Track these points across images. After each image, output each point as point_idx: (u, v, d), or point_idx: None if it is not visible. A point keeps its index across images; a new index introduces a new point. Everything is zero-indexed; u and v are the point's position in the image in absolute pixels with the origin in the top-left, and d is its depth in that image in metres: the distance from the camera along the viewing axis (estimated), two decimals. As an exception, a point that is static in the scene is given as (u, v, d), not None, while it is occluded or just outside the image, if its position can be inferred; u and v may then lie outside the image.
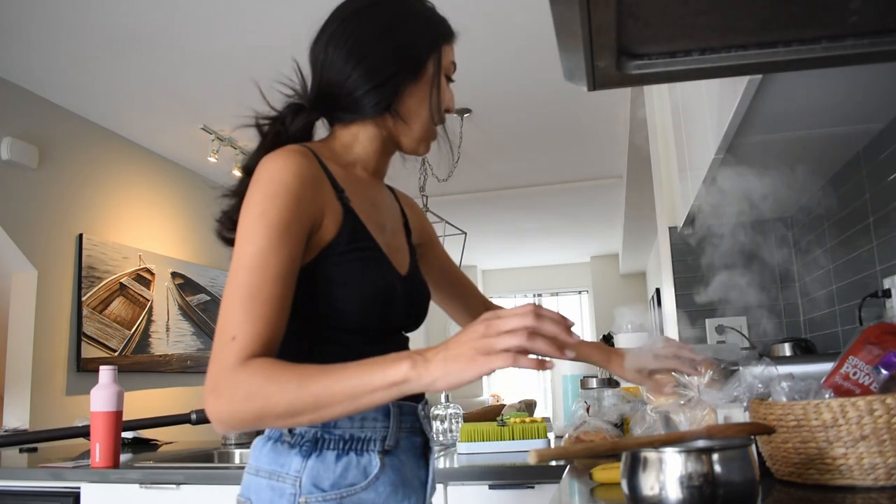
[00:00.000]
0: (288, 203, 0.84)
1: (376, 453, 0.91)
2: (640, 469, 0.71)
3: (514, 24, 3.08)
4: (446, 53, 1.01)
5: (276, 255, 0.81)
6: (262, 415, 0.76)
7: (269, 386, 0.75)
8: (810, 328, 2.25)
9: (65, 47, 3.25)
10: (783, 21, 0.87)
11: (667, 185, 2.57)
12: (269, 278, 0.80)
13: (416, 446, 0.97)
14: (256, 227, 0.82)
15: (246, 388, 0.76)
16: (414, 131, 0.99)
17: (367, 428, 0.91)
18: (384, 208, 1.04)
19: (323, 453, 0.89)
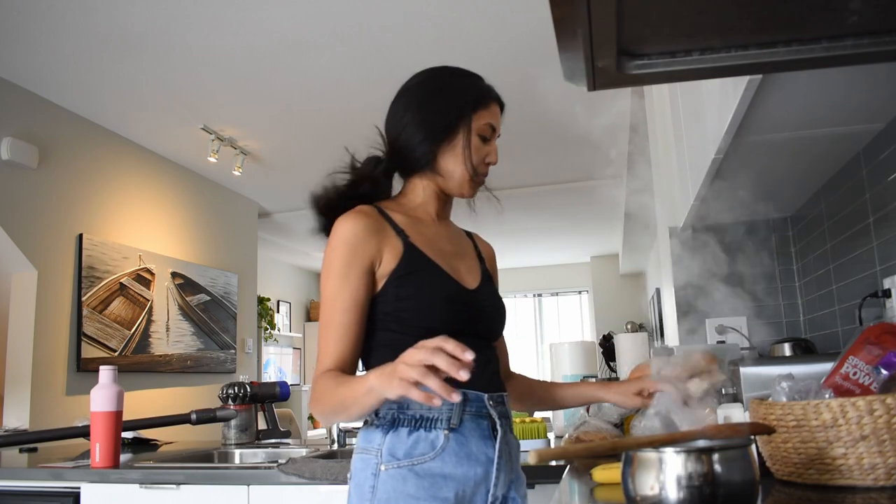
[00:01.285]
0: (345, 253, 1.13)
1: (442, 430, 1.10)
2: (640, 469, 0.71)
3: (513, 23, 3.09)
4: (480, 118, 1.22)
5: (341, 294, 1.12)
6: (323, 411, 1.08)
7: (323, 392, 1.07)
8: (810, 328, 2.25)
9: (65, 47, 3.25)
10: (783, 21, 0.87)
11: (667, 185, 2.57)
12: (337, 311, 1.12)
13: (482, 428, 1.14)
14: (327, 276, 1.14)
15: (316, 393, 1.08)
16: (454, 183, 1.24)
17: (434, 410, 1.10)
18: (447, 240, 1.27)
19: (398, 430, 1.10)
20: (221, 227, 5.42)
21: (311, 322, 8.60)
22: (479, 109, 1.23)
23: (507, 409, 1.20)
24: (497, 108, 1.27)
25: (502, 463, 1.14)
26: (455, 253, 1.26)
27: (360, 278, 1.13)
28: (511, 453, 1.19)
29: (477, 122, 1.22)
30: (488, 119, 1.24)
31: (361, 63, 3.46)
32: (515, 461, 1.20)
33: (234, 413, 2.32)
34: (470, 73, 1.28)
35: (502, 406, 1.19)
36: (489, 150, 1.25)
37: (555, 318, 9.95)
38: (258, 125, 4.31)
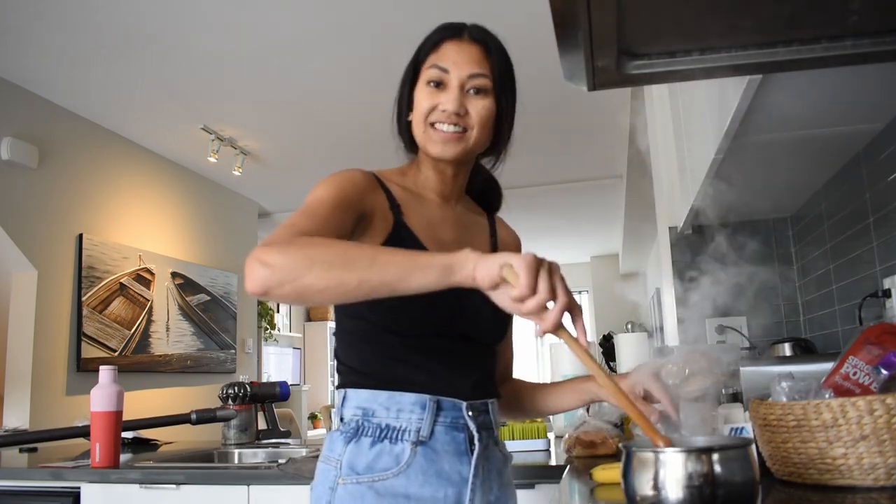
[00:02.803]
0: (348, 180, 0.99)
1: (409, 443, 0.97)
2: (640, 469, 0.71)
3: (513, 23, 3.09)
4: (427, 65, 1.06)
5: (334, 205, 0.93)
6: (313, 256, 0.80)
7: (328, 240, 0.86)
8: (810, 328, 2.25)
9: (65, 47, 3.25)
10: (783, 21, 0.87)
11: (667, 185, 2.57)
12: (326, 211, 0.92)
13: (457, 441, 1.00)
14: (319, 187, 0.97)
15: (308, 239, 0.84)
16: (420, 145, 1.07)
17: (402, 419, 0.98)
18: (452, 225, 1.12)
19: (360, 440, 0.98)
20: (221, 227, 5.42)
21: (310, 322, 8.60)
22: (426, 58, 1.06)
23: (491, 420, 1.05)
24: (458, 43, 1.07)
25: (478, 483, 1.00)
26: (458, 241, 1.10)
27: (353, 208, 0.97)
28: (492, 471, 1.04)
29: (424, 71, 1.06)
30: (434, 61, 1.05)
31: (361, 63, 3.46)
32: (497, 479, 1.05)
33: (234, 413, 2.32)
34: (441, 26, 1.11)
35: (486, 416, 1.04)
36: (442, 96, 1.03)
37: (555, 318, 9.93)
38: (258, 125, 4.31)
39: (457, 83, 1.03)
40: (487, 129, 1.06)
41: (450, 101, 1.02)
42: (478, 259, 0.79)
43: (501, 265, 0.77)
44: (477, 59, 1.06)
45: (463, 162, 1.10)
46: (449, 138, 1.03)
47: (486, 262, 0.78)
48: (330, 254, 0.81)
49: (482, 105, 1.04)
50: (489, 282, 0.78)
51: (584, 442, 1.52)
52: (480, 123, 1.04)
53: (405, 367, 1.00)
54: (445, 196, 1.12)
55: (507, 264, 0.77)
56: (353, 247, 0.84)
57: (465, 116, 1.03)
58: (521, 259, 0.77)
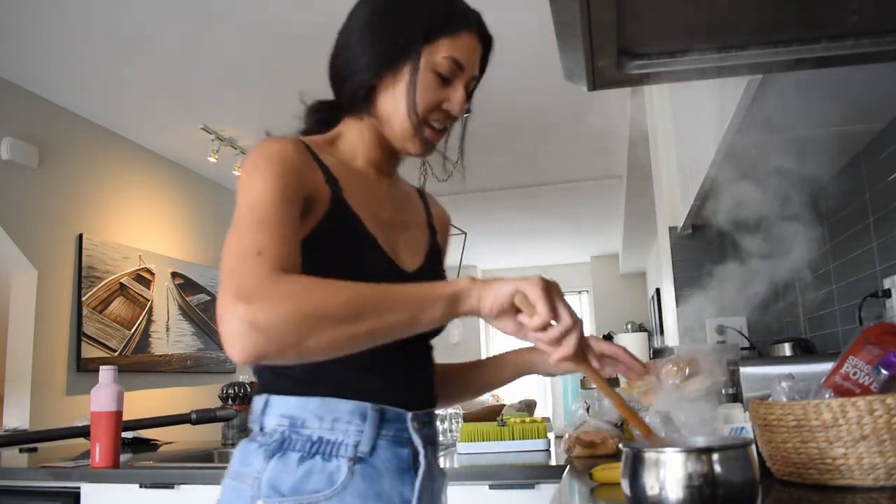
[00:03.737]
0: (284, 161, 0.83)
1: (346, 459, 0.83)
2: (640, 469, 0.71)
3: (514, 23, 3.08)
4: (440, 48, 0.90)
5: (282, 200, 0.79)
6: (317, 314, 0.68)
7: (327, 284, 0.71)
8: (810, 328, 2.25)
9: (65, 47, 3.25)
10: (783, 21, 0.87)
11: (667, 185, 2.57)
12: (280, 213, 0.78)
13: (400, 458, 0.87)
14: (256, 178, 0.81)
15: (296, 286, 0.70)
16: (393, 132, 0.93)
17: (338, 430, 0.83)
18: (391, 204, 0.99)
19: (286, 454, 0.82)
20: (221, 227, 5.42)
21: (311, 322, 8.59)
22: (440, 37, 0.90)
23: (434, 431, 0.94)
24: (472, 39, 0.95)
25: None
26: (396, 221, 0.97)
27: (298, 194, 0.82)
28: (434, 490, 0.92)
29: (434, 53, 0.90)
30: (452, 52, 0.91)
31: (361, 63, 3.45)
32: (438, 499, 0.95)
33: (234, 413, 2.32)
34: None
35: (429, 427, 0.92)
36: (449, 94, 0.92)
37: (555, 318, 9.93)
38: (258, 125, 4.30)
39: (464, 84, 0.94)
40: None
41: (457, 104, 0.93)
42: (482, 288, 0.76)
43: (512, 293, 0.75)
44: (478, 60, 0.98)
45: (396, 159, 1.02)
46: (433, 138, 0.95)
47: (492, 292, 0.76)
48: (332, 306, 0.69)
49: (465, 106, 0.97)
50: (498, 311, 0.76)
51: (584, 442, 1.52)
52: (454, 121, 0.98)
53: (344, 368, 0.83)
54: (381, 169, 0.99)
55: (518, 292, 0.75)
56: (354, 292, 0.72)
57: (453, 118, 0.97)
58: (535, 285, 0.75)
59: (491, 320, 0.78)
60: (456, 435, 2.08)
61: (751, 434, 1.01)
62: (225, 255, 0.73)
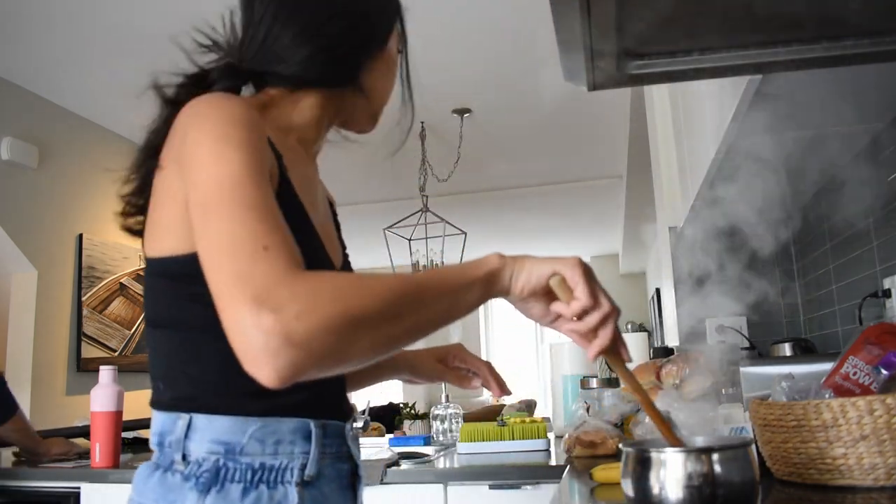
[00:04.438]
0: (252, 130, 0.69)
1: (293, 485, 0.73)
2: (640, 469, 0.71)
3: (514, 23, 3.08)
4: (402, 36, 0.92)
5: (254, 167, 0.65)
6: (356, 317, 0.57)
7: (359, 280, 0.60)
8: (810, 328, 2.25)
9: (65, 47, 3.25)
10: (783, 21, 0.87)
11: (667, 185, 2.57)
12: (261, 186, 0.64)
13: (342, 476, 0.80)
14: (221, 148, 0.65)
15: (327, 285, 0.58)
16: (372, 107, 0.89)
17: (281, 454, 0.73)
18: (318, 189, 0.90)
19: (225, 487, 0.71)
20: (221, 227, 5.41)
21: (311, 322, 8.58)
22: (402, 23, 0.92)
23: (357, 442, 0.86)
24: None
25: None
26: (319, 209, 0.88)
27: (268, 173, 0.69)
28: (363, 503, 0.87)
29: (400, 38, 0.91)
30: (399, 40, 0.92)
31: (361, 63, 3.45)
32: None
33: (234, 413, 2.32)
34: None
35: (354, 438, 0.85)
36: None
37: (555, 319, 9.94)
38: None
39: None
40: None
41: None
42: (515, 266, 0.70)
43: (549, 275, 0.70)
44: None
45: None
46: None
47: (526, 271, 0.70)
48: (372, 304, 0.58)
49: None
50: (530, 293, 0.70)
51: (584, 442, 1.52)
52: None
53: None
54: (311, 149, 0.90)
55: (556, 274, 0.70)
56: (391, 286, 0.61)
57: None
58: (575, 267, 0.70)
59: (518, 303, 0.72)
60: (456, 435, 2.08)
61: (751, 434, 1.01)
62: (218, 253, 0.59)
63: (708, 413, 1.10)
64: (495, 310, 9.74)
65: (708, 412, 1.11)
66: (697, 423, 1.07)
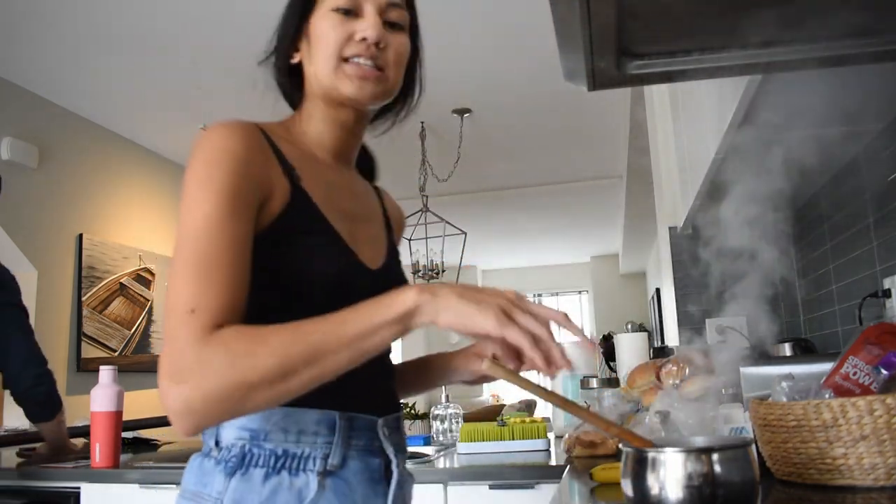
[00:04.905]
0: (235, 167, 0.74)
1: (315, 474, 0.77)
2: (640, 469, 0.71)
3: (514, 23, 3.08)
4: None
5: (230, 220, 0.72)
6: (246, 383, 0.64)
7: (253, 345, 0.66)
8: (810, 328, 2.25)
9: (65, 47, 3.25)
10: (783, 21, 0.87)
11: (667, 185, 2.57)
12: (225, 244, 0.71)
13: (372, 469, 0.82)
14: (201, 194, 0.72)
15: (222, 357, 0.65)
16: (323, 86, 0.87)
17: (304, 443, 0.77)
18: (351, 196, 0.92)
19: (249, 472, 0.76)
20: (221, 227, 5.42)
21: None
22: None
23: (402, 437, 0.89)
24: None
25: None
26: (357, 214, 0.91)
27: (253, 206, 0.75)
28: (406, 500, 0.88)
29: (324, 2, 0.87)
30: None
31: (361, 63, 3.46)
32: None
33: (234, 413, 2.32)
34: None
35: (398, 434, 0.87)
36: (358, 24, 0.85)
37: (555, 319, 9.95)
38: (258, 125, 4.31)
39: (374, 9, 0.85)
40: (401, 73, 0.89)
41: (370, 28, 0.84)
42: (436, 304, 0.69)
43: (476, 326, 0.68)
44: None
45: (366, 112, 0.92)
46: (367, 75, 0.84)
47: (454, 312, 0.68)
48: (263, 366, 0.64)
49: (400, 41, 0.88)
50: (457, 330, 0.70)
51: (584, 442, 1.52)
52: (397, 63, 0.87)
53: None
54: (339, 156, 0.92)
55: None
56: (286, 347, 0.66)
57: (383, 52, 0.85)
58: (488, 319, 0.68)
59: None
60: (456, 435, 2.08)
61: (751, 434, 1.01)
62: (165, 307, 0.70)
63: (708, 413, 1.10)
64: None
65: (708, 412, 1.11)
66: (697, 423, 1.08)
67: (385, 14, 0.86)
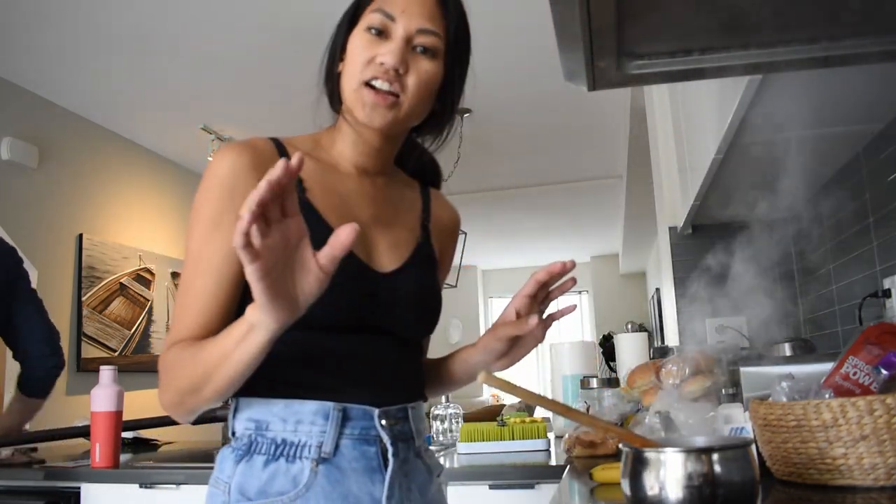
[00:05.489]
0: (220, 195, 0.84)
1: (309, 461, 0.83)
2: (640, 469, 0.71)
3: (514, 23, 3.08)
4: (370, 10, 0.89)
5: (209, 248, 0.83)
6: (177, 392, 0.81)
7: (176, 365, 0.80)
8: (810, 328, 2.25)
9: (65, 47, 3.25)
10: (783, 21, 0.87)
11: (667, 185, 2.57)
12: (200, 272, 0.83)
13: (368, 457, 0.86)
14: (193, 225, 0.85)
15: (165, 371, 0.82)
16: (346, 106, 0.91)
17: (301, 432, 0.84)
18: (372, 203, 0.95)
19: (252, 458, 0.84)
20: (221, 227, 5.41)
21: (311, 322, 8.57)
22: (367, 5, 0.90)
23: (411, 428, 0.91)
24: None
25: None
26: (376, 220, 0.94)
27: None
28: (413, 489, 0.90)
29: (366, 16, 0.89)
30: (380, 5, 0.88)
31: (361, 63, 3.46)
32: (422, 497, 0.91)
33: (234, 413, 2.32)
34: None
35: (404, 423, 0.90)
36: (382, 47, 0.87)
37: (555, 318, 9.95)
38: (258, 125, 4.31)
39: (402, 34, 0.87)
40: (425, 99, 0.90)
41: (390, 54, 0.85)
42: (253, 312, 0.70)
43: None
44: (430, 14, 0.89)
45: (391, 134, 0.93)
46: (379, 102, 0.86)
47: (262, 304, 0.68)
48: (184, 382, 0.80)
49: (426, 68, 0.88)
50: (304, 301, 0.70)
51: (584, 442, 1.52)
52: (418, 90, 0.88)
53: (306, 368, 0.86)
54: (367, 169, 0.95)
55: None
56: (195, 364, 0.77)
57: (403, 77, 0.87)
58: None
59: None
60: (456, 435, 2.08)
61: (751, 434, 1.01)
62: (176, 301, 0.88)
63: (708, 413, 1.11)
64: (495, 310, 9.74)
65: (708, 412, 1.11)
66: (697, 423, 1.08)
67: (414, 39, 0.88)
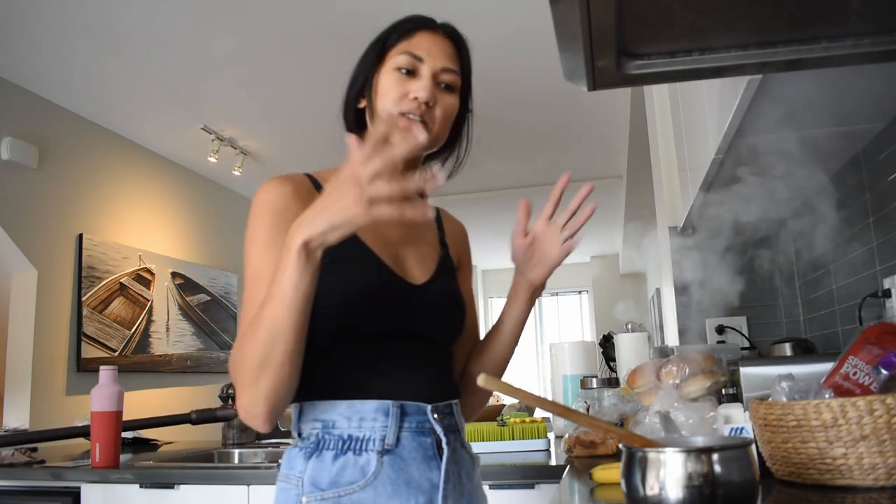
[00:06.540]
0: (272, 218, 0.95)
1: (375, 453, 0.93)
2: (640, 469, 0.71)
3: (513, 23, 3.08)
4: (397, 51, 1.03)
5: (267, 267, 0.91)
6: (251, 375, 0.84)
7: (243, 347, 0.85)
8: (810, 328, 2.25)
9: (65, 47, 3.25)
10: (783, 21, 0.87)
11: (667, 185, 2.57)
12: (261, 285, 0.91)
13: (425, 447, 0.97)
14: (249, 249, 0.95)
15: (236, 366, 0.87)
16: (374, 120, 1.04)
17: (364, 428, 0.94)
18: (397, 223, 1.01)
19: (322, 454, 0.94)
20: (221, 227, 5.42)
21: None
22: (397, 41, 1.04)
23: (456, 421, 1.03)
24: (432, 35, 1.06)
25: (449, 489, 0.97)
26: (404, 239, 1.07)
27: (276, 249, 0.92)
28: (462, 474, 1.01)
29: (392, 57, 1.03)
30: (407, 48, 1.02)
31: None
32: (468, 482, 1.02)
33: (234, 413, 2.32)
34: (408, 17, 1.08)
35: (451, 417, 1.02)
36: (413, 84, 1.01)
37: (555, 319, 9.96)
38: (258, 125, 4.31)
39: (429, 73, 1.02)
40: (447, 127, 1.05)
41: (422, 90, 1.00)
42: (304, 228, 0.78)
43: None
44: (450, 55, 1.06)
45: (413, 158, 1.05)
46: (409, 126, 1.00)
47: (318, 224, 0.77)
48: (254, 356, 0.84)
49: (449, 101, 1.04)
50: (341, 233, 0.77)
51: (584, 442, 1.52)
52: (444, 119, 1.03)
53: (362, 373, 0.96)
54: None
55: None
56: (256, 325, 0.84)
57: (432, 109, 1.01)
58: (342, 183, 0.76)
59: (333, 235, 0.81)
60: (456, 435, 2.08)
61: (751, 434, 1.01)
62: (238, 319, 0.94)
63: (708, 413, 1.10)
64: (495, 310, 9.74)
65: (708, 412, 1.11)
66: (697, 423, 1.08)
67: (439, 77, 1.03)
